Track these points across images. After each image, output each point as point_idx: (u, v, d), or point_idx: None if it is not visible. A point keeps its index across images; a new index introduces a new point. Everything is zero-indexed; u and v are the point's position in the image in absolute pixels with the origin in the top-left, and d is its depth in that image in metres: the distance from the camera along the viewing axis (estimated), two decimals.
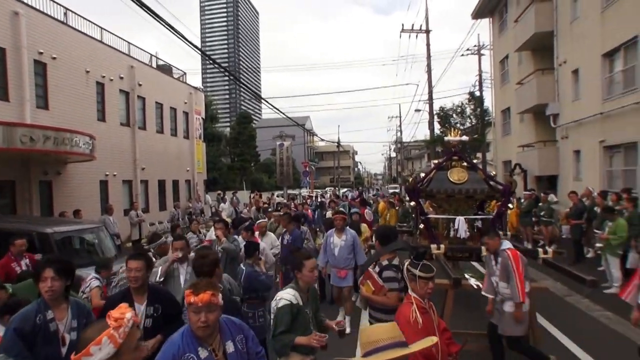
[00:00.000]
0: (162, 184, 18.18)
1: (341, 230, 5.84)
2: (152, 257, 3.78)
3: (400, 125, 45.47)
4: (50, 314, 2.53)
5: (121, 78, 15.19)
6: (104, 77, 14.15)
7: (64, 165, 12.40)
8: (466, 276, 5.05)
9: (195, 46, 10.03)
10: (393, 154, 61.79)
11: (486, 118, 23.65)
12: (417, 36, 22.80)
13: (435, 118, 24.32)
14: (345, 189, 41.76)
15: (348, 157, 65.48)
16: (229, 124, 56.88)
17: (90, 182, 13.49)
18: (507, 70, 19.64)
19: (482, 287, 4.53)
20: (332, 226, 6.13)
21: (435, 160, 7.39)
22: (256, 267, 4.48)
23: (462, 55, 22.46)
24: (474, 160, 6.93)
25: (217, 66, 14.98)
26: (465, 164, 6.17)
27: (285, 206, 12.19)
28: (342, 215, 6.09)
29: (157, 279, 3.85)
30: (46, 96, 11.80)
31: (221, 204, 18.40)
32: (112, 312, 1.67)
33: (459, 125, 23.18)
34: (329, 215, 10.37)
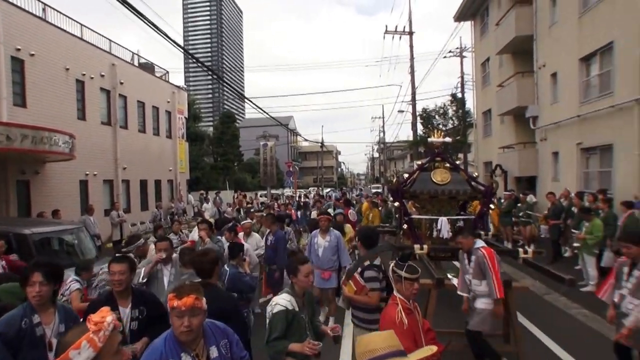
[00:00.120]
0: (144, 183, 17.88)
1: (326, 231, 5.79)
2: (135, 260, 3.72)
3: (383, 126, 45.92)
4: (36, 318, 2.48)
5: (102, 76, 14.88)
6: (84, 74, 13.82)
7: (43, 164, 12.06)
8: (449, 276, 5.14)
9: (178, 44, 9.91)
10: (376, 155, 62.26)
11: (468, 119, 24.09)
12: (400, 38, 23.07)
13: (418, 119, 24.65)
14: (328, 189, 41.86)
15: (331, 157, 65.66)
16: (212, 124, 56.29)
17: (70, 181, 13.17)
18: (488, 73, 20.03)
19: (457, 286, 4.60)
20: (317, 227, 6.06)
21: (418, 161, 7.50)
22: (240, 268, 4.46)
23: (445, 57, 22.82)
24: (456, 161, 7.04)
25: (200, 65, 14.80)
26: (448, 165, 6.28)
27: (267, 207, 12.15)
28: (327, 216, 6.02)
29: (140, 280, 3.79)
30: (24, 94, 11.45)
31: (204, 204, 18.25)
32: (92, 315, 1.65)
33: (441, 127, 23.54)
34: (314, 215, 10.37)
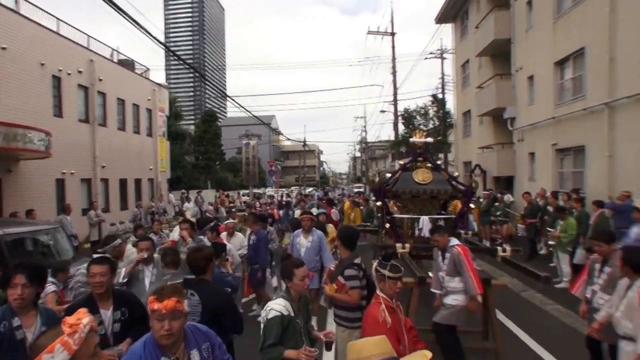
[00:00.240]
0: (123, 182, 17.51)
1: (308, 231, 5.73)
2: (115, 261, 3.65)
3: (365, 126, 46.29)
4: (16, 321, 2.40)
5: (80, 72, 14.47)
6: (60, 70, 13.41)
7: (16, 162, 11.64)
8: (430, 274, 5.24)
9: (159, 41, 9.74)
10: (358, 154, 62.69)
11: (448, 120, 24.53)
12: (382, 38, 23.33)
13: (400, 119, 24.97)
14: (310, 188, 41.90)
15: (313, 157, 65.73)
16: (194, 122, 55.49)
17: (46, 180, 12.77)
18: (468, 74, 20.44)
19: (431, 284, 4.68)
20: (299, 226, 6.03)
21: (400, 161, 7.59)
22: (222, 269, 4.43)
23: (426, 58, 23.17)
24: (437, 161, 7.17)
25: (182, 62, 14.53)
26: (430, 165, 6.38)
27: (249, 206, 12.08)
28: (309, 215, 5.97)
29: (120, 280, 3.73)
30: None
31: (185, 204, 18.06)
32: (67, 318, 1.62)
33: (422, 127, 23.92)
34: (298, 214, 10.36)
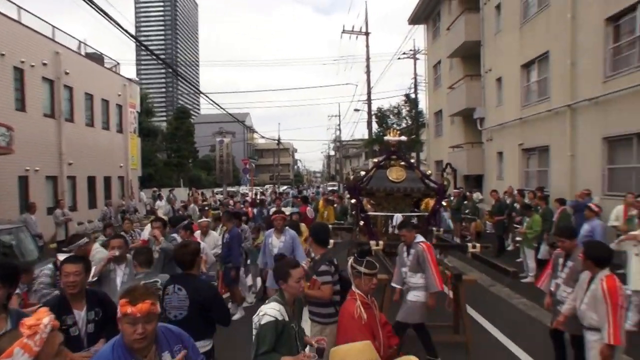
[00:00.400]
0: (92, 180, 16.87)
1: (280, 231, 5.60)
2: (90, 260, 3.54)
3: (339, 125, 46.52)
4: None
5: (44, 64, 13.75)
6: (23, 62, 12.70)
7: None
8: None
9: (129, 34, 9.36)
10: (332, 153, 62.99)
11: (420, 119, 25.06)
12: (357, 37, 23.50)
13: (374, 118, 25.28)
14: (285, 186, 41.77)
15: (288, 155, 65.53)
16: (166, 119, 54.10)
17: (8, 177, 12.10)
18: (439, 75, 20.90)
19: (392, 278, 4.76)
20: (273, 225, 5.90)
21: (374, 159, 7.68)
22: None
23: (399, 58, 23.58)
24: (410, 160, 7.30)
25: (154, 57, 13.89)
26: (404, 163, 6.51)
27: (222, 204, 11.93)
28: (281, 215, 5.85)
29: (90, 279, 3.62)
30: None
31: (157, 202, 17.57)
32: (26, 319, 1.56)
33: (395, 126, 24.31)
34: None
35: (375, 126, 25.67)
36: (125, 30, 8.63)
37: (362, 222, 6.33)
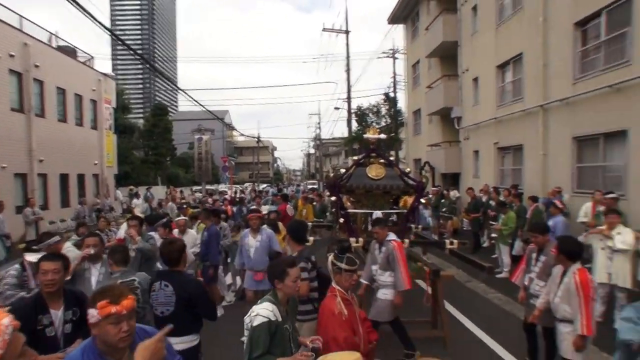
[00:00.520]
0: (64, 178, 16.30)
1: (256, 230, 5.46)
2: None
3: (319, 123, 46.59)
4: None
5: (11, 56, 13.14)
6: None
7: None
8: None
9: (104, 26, 8.99)
10: (312, 151, 62.96)
11: (399, 118, 25.36)
12: (337, 36, 23.61)
13: (353, 116, 25.44)
14: (264, 184, 41.52)
15: (267, 153, 65.13)
16: (143, 116, 52.84)
17: None
18: (418, 74, 21.17)
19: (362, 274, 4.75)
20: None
21: (354, 157, 7.73)
22: None
23: (379, 57, 23.77)
24: (389, 158, 7.39)
25: (130, 51, 13.22)
26: (383, 160, 6.57)
27: (201, 202, 11.78)
28: (257, 214, 5.70)
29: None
30: None
31: (134, 200, 17.15)
32: None
33: (374, 124, 24.52)
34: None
35: (355, 124, 25.84)
36: (100, 23, 8.34)
37: (342, 220, 6.35)
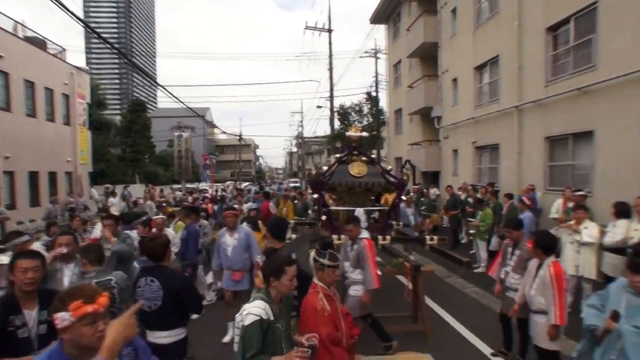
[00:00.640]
0: (34, 176, 15.68)
1: (233, 228, 5.25)
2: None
3: (302, 121, 46.56)
4: None
5: None
6: None
7: None
8: None
9: (75, 16, 8.51)
10: (294, 149, 62.84)
11: (381, 117, 25.61)
12: (320, 34, 23.61)
13: (336, 115, 25.53)
14: (246, 183, 41.20)
15: (250, 151, 64.67)
16: (120, 112, 51.52)
17: None
18: (400, 74, 21.41)
19: None
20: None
21: (336, 155, 7.77)
22: None
23: (361, 57, 23.95)
24: (371, 156, 7.46)
25: (105, 43, 12.33)
26: (365, 158, 6.63)
27: (180, 201, 11.60)
28: (232, 211, 5.46)
29: None
30: None
31: (110, 199, 16.65)
32: None
33: (356, 123, 24.68)
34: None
35: (337, 123, 25.94)
36: (71, 13, 7.92)
37: (324, 217, 6.38)
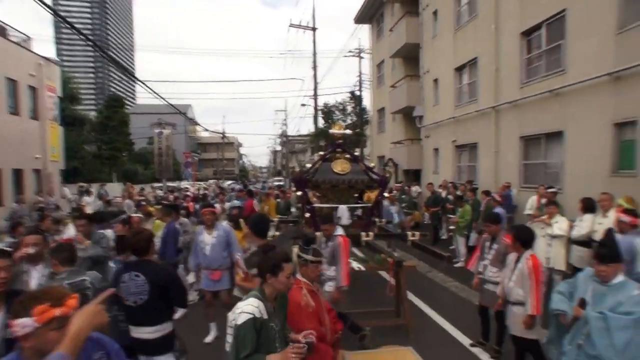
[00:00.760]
0: None
1: (211, 226, 5.12)
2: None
3: (285, 119, 46.43)
4: None
5: None
6: None
7: None
8: (348, 260, 5.53)
9: (42, 2, 7.73)
10: (278, 147, 62.64)
11: (364, 116, 25.83)
12: (304, 32, 23.62)
13: (320, 113, 25.62)
14: (229, 181, 40.81)
15: (233, 149, 64.06)
16: (95, 107, 50.13)
17: None
18: (383, 74, 21.63)
19: None
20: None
21: (320, 153, 7.82)
22: None
23: (345, 56, 24.08)
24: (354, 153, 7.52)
25: (77, 33, 10.81)
26: (348, 156, 6.69)
27: (162, 199, 11.43)
28: (210, 209, 5.33)
29: None
30: None
31: (84, 198, 16.03)
32: None
33: (340, 122, 24.82)
34: (217, 207, 10.03)
35: (321, 121, 26.03)
36: None
37: (308, 214, 6.41)
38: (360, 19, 22.55)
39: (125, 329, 3.51)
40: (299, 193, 6.78)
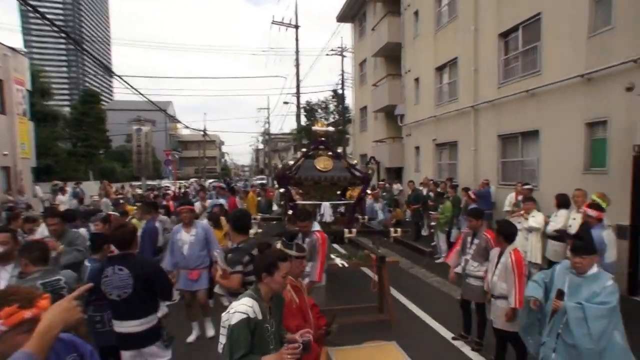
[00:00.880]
0: None
1: (189, 224, 5.00)
2: None
3: (268, 117, 46.14)
4: None
5: None
6: None
7: None
8: (332, 256, 5.55)
9: None
10: (261, 146, 62.25)
11: (347, 115, 25.91)
12: (287, 29, 23.50)
13: (302, 111, 25.56)
14: (211, 180, 40.28)
15: (214, 147, 63.26)
16: (69, 102, 48.55)
17: None
18: (365, 73, 21.75)
19: None
20: (196, 217, 5.43)
21: (303, 150, 7.79)
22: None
23: (327, 54, 24.19)
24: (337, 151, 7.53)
25: (45, 21, 9.70)
26: (331, 153, 6.69)
27: (142, 198, 11.18)
28: (187, 206, 5.18)
29: None
30: None
31: (58, 196, 15.51)
32: None
33: (323, 120, 24.83)
34: (197, 206, 9.86)
35: (304, 119, 25.97)
36: None
37: (290, 211, 6.38)
38: (342, 17, 22.59)
39: (102, 330, 3.42)
40: (282, 190, 6.75)
